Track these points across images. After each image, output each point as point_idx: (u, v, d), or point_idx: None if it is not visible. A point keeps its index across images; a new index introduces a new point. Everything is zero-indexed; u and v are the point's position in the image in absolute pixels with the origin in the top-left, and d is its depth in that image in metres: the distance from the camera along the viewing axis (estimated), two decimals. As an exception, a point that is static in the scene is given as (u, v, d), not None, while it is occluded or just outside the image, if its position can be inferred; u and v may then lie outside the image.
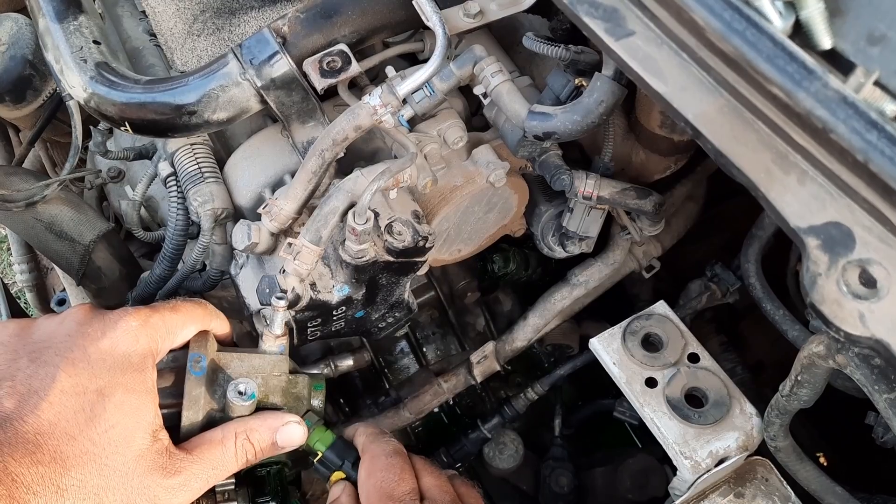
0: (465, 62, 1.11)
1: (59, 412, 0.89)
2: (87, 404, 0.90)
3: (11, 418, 0.87)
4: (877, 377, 0.83)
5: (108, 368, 0.94)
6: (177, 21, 1.25)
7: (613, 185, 1.28)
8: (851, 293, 0.71)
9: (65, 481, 0.85)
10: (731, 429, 1.14)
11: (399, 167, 1.05)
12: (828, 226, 0.74)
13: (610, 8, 0.88)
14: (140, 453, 0.89)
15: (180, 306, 1.06)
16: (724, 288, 1.52)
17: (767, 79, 0.73)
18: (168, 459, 0.92)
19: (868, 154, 0.68)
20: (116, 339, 0.97)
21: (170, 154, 1.23)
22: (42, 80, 1.65)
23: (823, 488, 1.12)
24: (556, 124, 1.09)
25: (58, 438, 0.87)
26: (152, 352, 1.00)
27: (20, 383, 0.90)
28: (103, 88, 1.11)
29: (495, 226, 1.39)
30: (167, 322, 1.02)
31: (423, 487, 1.04)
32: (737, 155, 0.79)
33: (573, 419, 1.76)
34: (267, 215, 1.10)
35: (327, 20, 1.11)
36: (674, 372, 1.19)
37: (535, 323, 1.57)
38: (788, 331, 1.28)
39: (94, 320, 1.00)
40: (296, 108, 1.13)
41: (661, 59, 0.85)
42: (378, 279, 1.15)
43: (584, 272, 1.51)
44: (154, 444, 0.91)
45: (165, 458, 0.92)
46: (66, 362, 0.92)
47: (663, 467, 1.55)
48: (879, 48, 0.73)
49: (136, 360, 0.97)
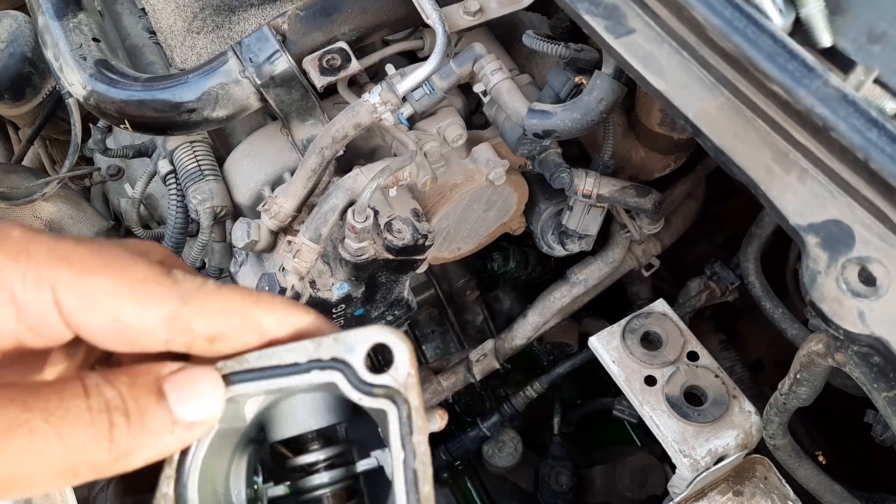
0: (464, 60, 1.11)
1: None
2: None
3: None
4: (876, 375, 0.83)
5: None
6: (176, 18, 1.25)
7: (613, 184, 1.28)
8: (851, 291, 0.71)
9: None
10: (729, 427, 1.14)
11: (399, 165, 1.05)
12: (828, 224, 0.74)
13: (610, 6, 0.88)
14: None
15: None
16: (724, 286, 1.52)
17: (768, 77, 0.73)
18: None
19: (868, 152, 0.68)
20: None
21: (169, 152, 1.23)
22: (41, 78, 1.65)
23: (822, 486, 1.12)
24: (555, 122, 1.09)
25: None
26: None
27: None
28: (102, 86, 1.11)
29: (495, 224, 1.39)
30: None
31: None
32: (737, 153, 0.79)
33: (572, 417, 1.76)
34: (266, 213, 1.10)
35: (327, 18, 1.11)
36: (673, 370, 1.19)
37: (534, 321, 1.57)
38: (788, 329, 1.28)
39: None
40: (295, 106, 1.13)
41: (662, 56, 0.85)
42: (377, 277, 1.15)
43: (584, 270, 1.52)
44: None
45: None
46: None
47: (662, 465, 1.56)
48: (880, 46, 0.73)
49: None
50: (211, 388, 0.41)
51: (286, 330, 0.42)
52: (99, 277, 0.39)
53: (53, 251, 0.39)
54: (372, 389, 0.40)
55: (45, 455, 0.36)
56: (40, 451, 0.36)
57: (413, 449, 0.40)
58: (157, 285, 0.40)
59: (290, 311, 0.43)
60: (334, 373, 0.41)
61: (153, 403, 0.39)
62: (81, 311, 0.39)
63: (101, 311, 0.39)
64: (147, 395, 0.39)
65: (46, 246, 0.39)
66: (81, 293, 0.39)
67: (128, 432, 0.38)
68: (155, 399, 0.39)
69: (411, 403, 0.40)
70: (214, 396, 0.41)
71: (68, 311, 0.39)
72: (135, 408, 0.39)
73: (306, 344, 0.41)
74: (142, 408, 0.39)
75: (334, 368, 0.41)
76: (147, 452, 0.39)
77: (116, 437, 0.38)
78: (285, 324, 0.42)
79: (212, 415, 0.41)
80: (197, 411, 0.40)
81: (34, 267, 0.38)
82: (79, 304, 0.39)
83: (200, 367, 0.41)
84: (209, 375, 0.41)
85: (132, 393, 0.39)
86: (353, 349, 0.41)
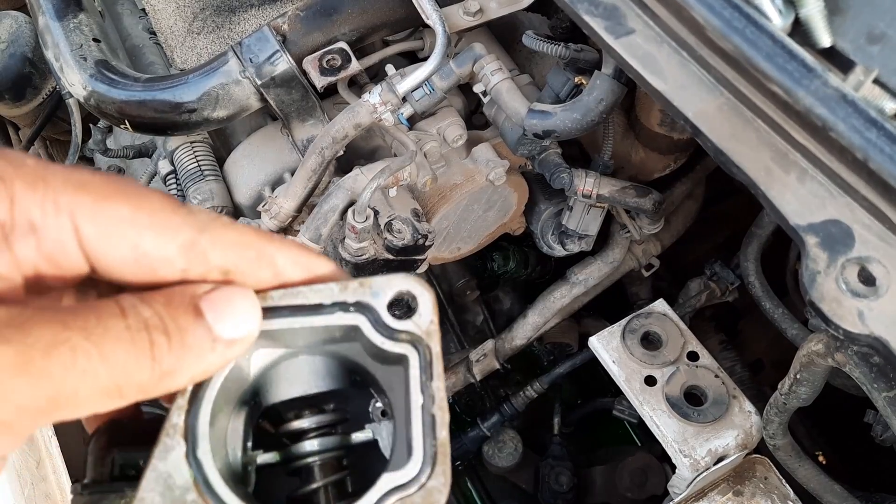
0: (464, 60, 1.11)
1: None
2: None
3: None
4: (876, 375, 0.83)
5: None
6: (177, 19, 1.25)
7: (613, 184, 1.28)
8: (850, 291, 0.71)
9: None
10: (730, 427, 1.14)
11: (399, 165, 1.05)
12: (827, 224, 0.74)
13: (610, 6, 0.88)
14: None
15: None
16: (724, 286, 1.52)
17: (767, 77, 0.73)
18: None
19: (867, 152, 0.68)
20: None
21: (169, 152, 1.23)
22: (42, 78, 1.65)
23: (822, 486, 1.12)
24: (555, 122, 1.09)
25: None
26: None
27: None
28: (103, 86, 1.11)
29: (495, 224, 1.39)
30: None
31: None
32: (736, 153, 0.79)
33: (572, 417, 1.76)
34: (266, 213, 1.10)
35: (327, 18, 1.11)
36: (673, 370, 1.19)
37: (534, 321, 1.57)
38: (787, 329, 1.28)
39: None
40: (295, 107, 1.13)
41: (661, 57, 0.85)
42: (378, 277, 1.16)
43: (584, 270, 1.52)
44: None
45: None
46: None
47: (662, 465, 1.56)
48: (879, 46, 0.73)
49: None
50: (248, 305, 0.40)
51: (300, 271, 0.42)
52: (117, 204, 0.38)
53: (70, 178, 0.38)
54: (394, 334, 0.41)
55: (88, 373, 0.35)
56: (84, 369, 0.35)
57: (432, 394, 0.40)
58: (174, 214, 0.39)
59: (304, 253, 0.42)
60: (358, 316, 0.41)
61: (192, 321, 0.38)
62: (100, 237, 0.38)
63: (119, 238, 0.38)
64: (185, 314, 0.38)
65: (63, 174, 0.38)
66: (100, 219, 0.38)
67: (169, 351, 0.37)
68: (193, 317, 0.39)
69: (432, 350, 0.41)
70: (252, 313, 0.40)
71: (87, 238, 0.38)
72: (174, 326, 0.38)
73: (332, 286, 0.41)
74: (181, 326, 0.38)
75: (358, 311, 0.41)
76: (190, 371, 0.39)
77: (158, 356, 0.37)
78: (299, 263, 0.42)
79: (250, 331, 0.40)
80: (236, 328, 0.40)
81: (52, 194, 0.37)
82: (98, 231, 0.38)
83: (235, 285, 0.41)
84: (245, 293, 0.40)
85: (169, 312, 0.38)
86: (377, 294, 0.41)
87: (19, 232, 0.37)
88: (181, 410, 0.40)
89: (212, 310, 0.39)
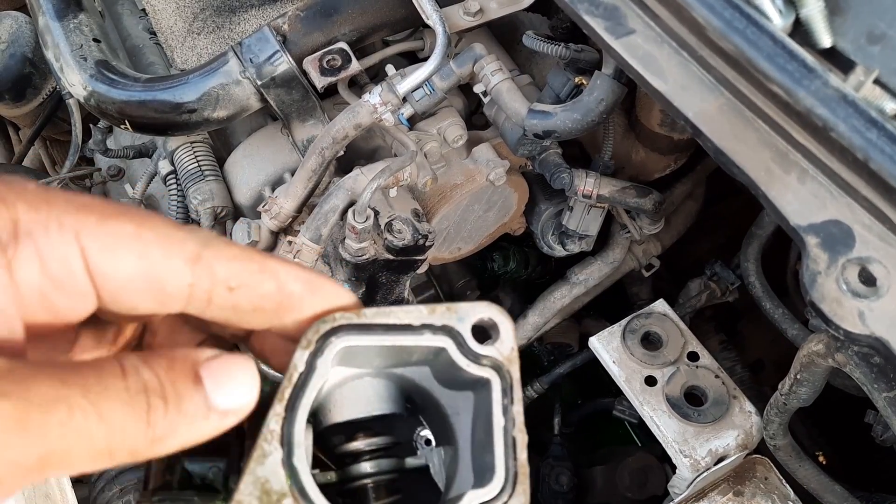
0: (465, 60, 1.11)
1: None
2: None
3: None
4: (876, 375, 0.83)
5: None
6: (177, 19, 1.25)
7: (613, 184, 1.28)
8: (851, 291, 0.71)
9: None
10: (730, 427, 1.14)
11: (399, 165, 1.05)
12: (828, 224, 0.74)
13: (610, 6, 0.88)
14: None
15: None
16: (724, 286, 1.52)
17: (767, 77, 0.73)
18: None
19: (868, 152, 0.68)
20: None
21: (170, 152, 1.23)
22: (42, 78, 1.65)
23: (822, 487, 1.12)
24: (555, 122, 1.09)
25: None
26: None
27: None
28: (103, 86, 1.11)
29: (495, 224, 1.39)
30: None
31: None
32: (737, 153, 0.79)
33: (573, 417, 1.76)
34: (267, 213, 1.10)
35: (327, 18, 1.11)
36: (673, 370, 1.19)
37: (534, 321, 1.57)
38: (788, 329, 1.28)
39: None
40: (296, 107, 1.13)
41: (662, 57, 0.85)
42: (378, 277, 1.15)
43: (584, 271, 1.52)
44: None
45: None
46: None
47: (663, 465, 1.55)
48: (879, 46, 0.73)
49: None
50: (247, 376, 0.40)
51: (300, 282, 0.42)
52: (121, 222, 0.38)
53: (72, 200, 0.38)
54: (478, 359, 0.43)
55: (83, 432, 0.35)
56: (79, 428, 0.34)
57: (513, 417, 0.42)
58: (177, 230, 0.39)
59: (304, 269, 0.43)
60: (445, 338, 0.42)
61: (190, 388, 0.38)
62: (106, 254, 0.38)
63: (126, 252, 0.38)
64: (185, 380, 0.38)
65: (65, 196, 0.38)
66: (105, 237, 0.38)
67: (165, 415, 0.37)
68: (192, 384, 0.38)
69: (513, 376, 0.43)
70: (250, 386, 0.40)
71: (93, 258, 0.38)
72: (172, 392, 0.38)
73: (421, 308, 0.43)
74: (179, 392, 0.38)
75: (445, 334, 0.42)
76: (181, 437, 0.38)
77: (153, 420, 0.37)
78: (300, 278, 0.42)
79: (247, 403, 0.40)
80: (232, 399, 0.39)
81: (56, 215, 0.37)
82: (103, 247, 0.38)
83: (236, 354, 0.40)
84: (246, 364, 0.40)
85: (170, 376, 0.38)
86: (463, 319, 0.43)
87: (23, 254, 0.37)
88: (279, 418, 0.40)
89: (211, 378, 0.39)
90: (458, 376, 0.44)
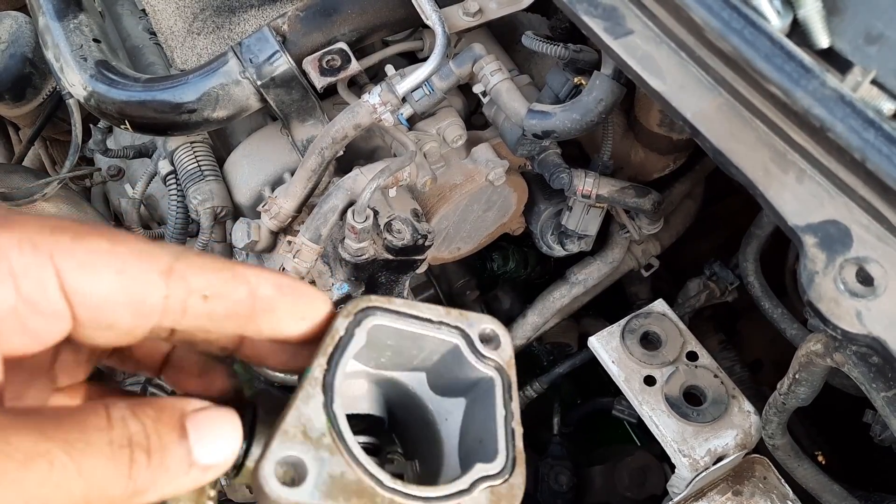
0: (464, 61, 1.11)
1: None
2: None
3: None
4: (874, 375, 0.83)
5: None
6: (177, 19, 1.25)
7: (612, 184, 1.28)
8: (849, 291, 0.71)
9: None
10: (729, 427, 1.14)
11: (398, 165, 1.05)
12: (825, 224, 0.74)
13: (609, 7, 0.89)
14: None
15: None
16: (723, 286, 1.52)
17: (765, 77, 0.73)
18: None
19: (865, 152, 0.68)
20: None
21: (169, 152, 1.23)
22: (42, 79, 1.65)
23: (821, 486, 1.12)
24: (555, 123, 1.09)
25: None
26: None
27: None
28: (103, 86, 1.11)
29: (494, 224, 1.40)
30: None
31: None
32: (735, 153, 0.79)
33: (572, 417, 1.76)
34: (266, 213, 1.11)
35: (327, 19, 1.11)
36: (672, 370, 1.19)
37: (533, 321, 1.57)
38: (787, 329, 1.28)
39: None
40: (295, 107, 1.13)
41: (660, 57, 0.85)
42: (377, 277, 1.16)
43: (583, 270, 1.52)
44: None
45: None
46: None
47: (662, 465, 1.56)
48: (877, 47, 0.73)
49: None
50: (230, 432, 0.40)
51: (270, 285, 0.43)
52: (95, 239, 0.39)
53: (45, 222, 0.38)
54: (484, 359, 0.49)
55: (62, 487, 0.35)
56: (58, 483, 0.34)
57: (512, 411, 0.48)
58: (148, 244, 0.40)
59: (275, 273, 0.44)
60: (459, 337, 0.48)
61: (175, 441, 0.38)
62: (82, 271, 0.38)
63: (102, 267, 0.38)
64: (170, 432, 0.38)
65: (36, 219, 0.39)
66: (80, 254, 0.38)
67: (146, 469, 0.37)
68: (177, 436, 0.38)
69: (511, 378, 0.49)
70: (232, 442, 0.40)
71: (68, 277, 0.38)
72: (157, 445, 0.38)
73: (439, 308, 0.48)
74: (164, 444, 0.38)
75: (459, 334, 0.48)
76: (160, 491, 0.38)
77: (134, 474, 0.37)
78: (269, 280, 0.43)
79: (226, 459, 0.40)
80: (214, 454, 0.39)
81: (29, 236, 0.37)
82: (79, 264, 0.38)
83: (222, 409, 0.41)
84: (230, 419, 0.41)
85: (157, 428, 0.38)
86: (472, 325, 0.49)
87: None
88: (321, 368, 0.44)
89: (196, 430, 0.39)
90: (457, 378, 0.50)
